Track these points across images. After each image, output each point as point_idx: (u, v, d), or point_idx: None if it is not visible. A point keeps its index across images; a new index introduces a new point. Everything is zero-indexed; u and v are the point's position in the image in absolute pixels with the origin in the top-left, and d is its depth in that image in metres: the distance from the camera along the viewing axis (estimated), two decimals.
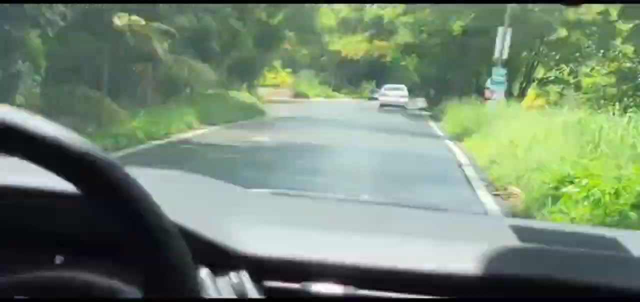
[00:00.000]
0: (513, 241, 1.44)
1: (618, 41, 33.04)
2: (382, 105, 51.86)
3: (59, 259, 1.23)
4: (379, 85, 73.02)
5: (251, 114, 31.45)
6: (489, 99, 32.12)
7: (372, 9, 65.59)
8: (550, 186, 10.44)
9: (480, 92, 36.92)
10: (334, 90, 78.81)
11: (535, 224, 2.18)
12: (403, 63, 62.03)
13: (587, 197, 8.83)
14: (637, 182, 8.60)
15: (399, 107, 50.45)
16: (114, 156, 0.94)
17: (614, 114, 15.10)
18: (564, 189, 9.32)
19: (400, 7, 46.40)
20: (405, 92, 54.06)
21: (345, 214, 1.77)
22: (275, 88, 58.19)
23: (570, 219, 8.59)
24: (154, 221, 0.93)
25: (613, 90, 32.78)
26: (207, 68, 26.56)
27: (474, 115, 28.46)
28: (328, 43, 70.90)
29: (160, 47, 22.33)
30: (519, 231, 1.50)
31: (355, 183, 13.05)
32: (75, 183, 0.91)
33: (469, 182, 14.63)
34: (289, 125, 26.73)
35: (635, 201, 8.05)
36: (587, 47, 36.86)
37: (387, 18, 52.31)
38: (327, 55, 77.20)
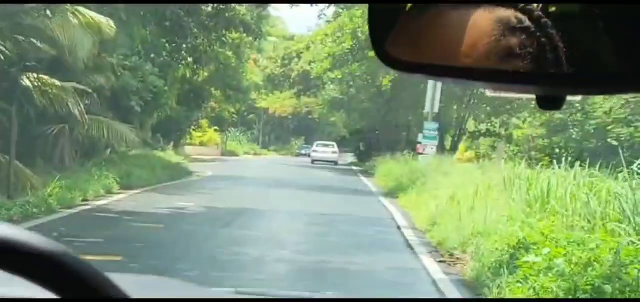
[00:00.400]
0: None
1: None
2: (313, 160, 55.16)
3: None
4: (307, 141, 72.71)
5: (176, 174, 30.12)
6: (420, 154, 31.42)
7: (298, 65, 64.99)
8: (504, 252, 9.43)
9: (411, 146, 36.29)
10: (262, 147, 77.98)
11: None
12: (332, 118, 61.53)
13: (549, 267, 7.83)
14: (605, 250, 7.64)
15: (330, 163, 53.85)
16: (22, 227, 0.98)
17: (559, 167, 14.27)
18: (524, 259, 8.29)
19: (327, 63, 45.67)
20: (336, 148, 57.55)
21: None
22: (203, 146, 57.25)
23: (533, 293, 7.59)
24: None
25: (544, 142, 32.49)
26: (127, 128, 25.21)
27: (407, 171, 27.71)
28: (255, 100, 70.07)
29: (77, 108, 21.03)
30: None
31: (286, 255, 11.89)
32: (51, 288, 0.96)
33: (410, 246, 13.61)
34: (215, 186, 25.49)
35: (609, 272, 7.09)
36: (518, 99, 36.47)
37: (314, 73, 51.64)
38: (255, 112, 76.40)
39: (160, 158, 33.76)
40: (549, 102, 1.21)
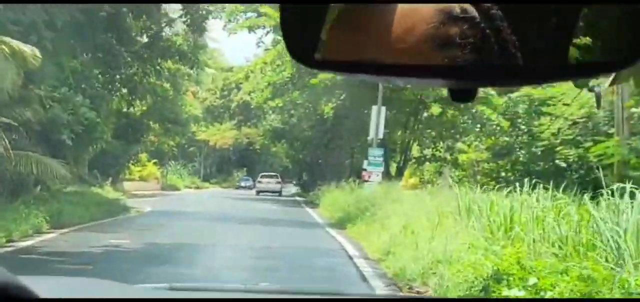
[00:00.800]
0: None
1: (494, 116, 32.18)
2: (258, 192, 57.63)
3: None
4: (250, 173, 71.49)
5: (113, 211, 28.71)
6: (366, 181, 30.54)
7: (238, 96, 63.88)
8: (475, 284, 8.46)
9: (356, 173, 35.41)
10: (204, 180, 76.46)
11: None
12: (274, 148, 60.67)
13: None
14: (600, 282, 6.71)
15: (275, 194, 55.68)
16: None
17: (520, 192, 13.40)
18: (505, 293, 7.30)
19: (267, 92, 44.65)
20: (279, 179, 59.93)
21: None
22: (143, 181, 55.79)
23: None
24: None
25: (490, 166, 31.93)
26: (59, 163, 23.84)
27: (353, 200, 26.79)
28: (195, 133, 68.66)
29: (1, 143, 19.75)
30: None
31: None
32: None
33: (365, 279, 12.58)
34: (154, 222, 24.22)
35: None
36: (463, 123, 35.95)
37: (254, 104, 50.53)
38: (195, 145, 74.96)
39: (97, 194, 32.39)
40: (462, 94, 1.19)
